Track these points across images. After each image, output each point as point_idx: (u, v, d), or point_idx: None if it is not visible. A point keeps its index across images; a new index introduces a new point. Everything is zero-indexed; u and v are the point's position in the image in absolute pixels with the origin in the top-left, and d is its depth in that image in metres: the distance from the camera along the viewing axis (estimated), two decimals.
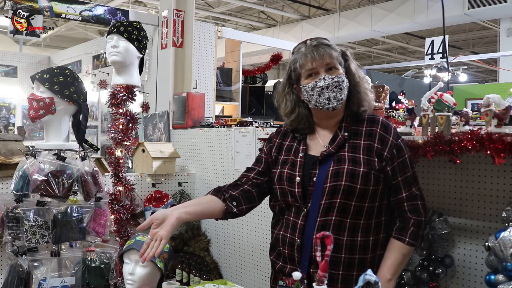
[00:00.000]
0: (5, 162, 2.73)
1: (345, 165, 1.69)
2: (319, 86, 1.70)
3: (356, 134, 1.76)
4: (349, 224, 1.68)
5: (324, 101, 1.71)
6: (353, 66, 1.80)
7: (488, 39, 13.26)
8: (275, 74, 14.78)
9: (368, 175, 1.68)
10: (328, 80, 1.70)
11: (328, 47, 1.74)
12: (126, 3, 10.77)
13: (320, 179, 1.70)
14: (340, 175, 1.68)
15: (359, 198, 1.68)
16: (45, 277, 2.48)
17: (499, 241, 1.69)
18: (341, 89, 1.71)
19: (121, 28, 2.80)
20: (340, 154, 1.72)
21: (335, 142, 1.75)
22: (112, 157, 2.92)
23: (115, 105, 2.90)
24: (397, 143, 1.73)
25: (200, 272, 3.16)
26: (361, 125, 1.77)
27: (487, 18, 9.64)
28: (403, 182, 1.72)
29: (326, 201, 1.68)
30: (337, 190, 1.67)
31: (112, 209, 2.85)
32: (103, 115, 5.80)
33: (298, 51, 1.78)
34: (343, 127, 1.77)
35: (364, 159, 1.70)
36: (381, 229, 1.74)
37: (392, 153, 1.72)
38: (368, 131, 1.75)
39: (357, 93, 1.77)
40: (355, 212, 1.68)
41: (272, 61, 6.22)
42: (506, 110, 1.75)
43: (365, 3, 10.61)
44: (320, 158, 1.74)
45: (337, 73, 1.72)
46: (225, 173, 3.37)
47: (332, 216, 1.68)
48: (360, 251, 1.69)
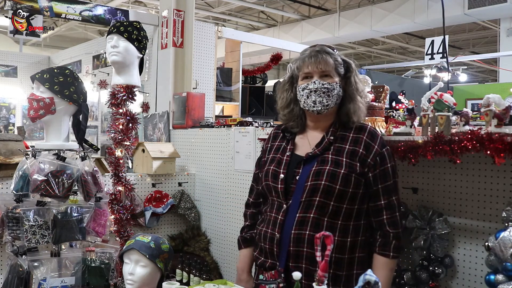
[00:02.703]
0: (5, 162, 2.73)
1: (327, 166, 1.78)
2: (308, 88, 1.82)
3: (342, 139, 1.85)
4: (326, 222, 1.75)
5: (310, 103, 1.82)
6: (354, 79, 1.88)
7: (488, 39, 13.26)
8: (275, 74, 14.78)
9: (348, 177, 1.76)
10: (318, 84, 1.80)
11: (328, 55, 1.83)
12: (126, 3, 10.77)
13: (302, 177, 1.80)
14: (321, 175, 1.76)
15: (337, 199, 1.75)
16: (45, 277, 2.48)
17: (499, 241, 1.69)
18: (328, 96, 1.80)
19: (121, 28, 2.80)
20: (324, 156, 1.81)
21: (321, 145, 1.84)
22: (112, 157, 2.92)
23: (115, 105, 2.90)
24: (381, 152, 1.81)
25: (200, 272, 3.16)
26: (349, 132, 1.86)
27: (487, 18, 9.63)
28: (382, 190, 1.80)
29: (306, 198, 1.77)
30: (317, 189, 1.75)
31: (112, 209, 2.85)
32: (103, 115, 5.80)
33: (303, 53, 1.90)
34: (331, 131, 1.86)
35: (346, 162, 1.78)
36: (359, 231, 1.80)
37: (376, 161, 1.80)
38: (355, 138, 1.84)
39: (348, 104, 1.86)
40: (333, 212, 1.76)
41: (272, 61, 6.22)
42: (506, 110, 1.75)
43: (365, 3, 10.60)
44: (304, 158, 1.84)
45: (330, 80, 1.82)
46: (225, 173, 3.37)
47: (310, 213, 1.76)
48: (336, 250, 1.74)
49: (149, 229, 3.37)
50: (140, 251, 2.32)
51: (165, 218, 3.53)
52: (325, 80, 1.82)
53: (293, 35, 11.74)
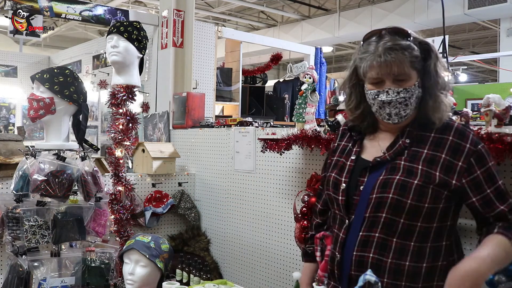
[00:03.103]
0: (5, 162, 2.73)
1: (397, 175, 1.46)
2: (380, 99, 1.47)
3: (421, 141, 1.50)
4: (395, 244, 1.45)
5: (384, 115, 1.49)
6: (434, 68, 1.49)
7: (488, 39, 13.25)
8: (275, 74, 14.77)
9: (424, 189, 1.42)
10: (392, 95, 1.45)
11: (403, 51, 1.43)
12: (126, 3, 10.77)
13: (367, 188, 1.49)
14: (388, 186, 1.45)
15: (409, 216, 1.43)
16: (45, 277, 2.48)
17: None
18: (406, 105, 1.46)
19: (121, 28, 2.80)
20: (396, 163, 1.49)
21: (393, 148, 1.51)
22: (112, 157, 2.92)
23: (115, 105, 2.90)
24: (476, 150, 1.45)
25: (200, 272, 3.16)
26: (430, 132, 1.50)
27: (487, 18, 9.63)
28: (494, 194, 1.45)
29: (370, 214, 1.47)
30: (383, 203, 1.45)
31: (112, 209, 2.85)
32: (103, 115, 5.80)
33: (368, 46, 1.48)
34: (407, 131, 1.51)
35: (422, 171, 1.44)
36: (439, 255, 1.47)
37: (470, 162, 1.44)
38: (437, 140, 1.48)
39: (428, 101, 1.48)
40: (403, 231, 1.44)
41: (272, 61, 6.22)
42: (506, 110, 1.74)
43: (365, 3, 10.60)
44: (371, 164, 1.53)
45: (406, 85, 1.45)
46: (225, 173, 3.37)
47: (375, 232, 1.46)
48: (407, 278, 1.43)
49: (149, 229, 3.37)
50: (140, 251, 2.32)
51: (165, 218, 3.53)
52: (400, 85, 1.45)
53: (293, 35, 11.73)
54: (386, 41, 1.44)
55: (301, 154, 2.73)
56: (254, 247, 3.09)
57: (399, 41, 1.44)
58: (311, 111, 2.50)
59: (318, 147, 2.31)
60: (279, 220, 2.90)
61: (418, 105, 1.50)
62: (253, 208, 3.10)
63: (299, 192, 2.60)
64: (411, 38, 1.47)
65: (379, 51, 1.43)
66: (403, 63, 1.43)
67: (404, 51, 1.43)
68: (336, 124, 2.24)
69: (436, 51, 1.51)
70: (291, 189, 2.82)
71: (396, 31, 1.47)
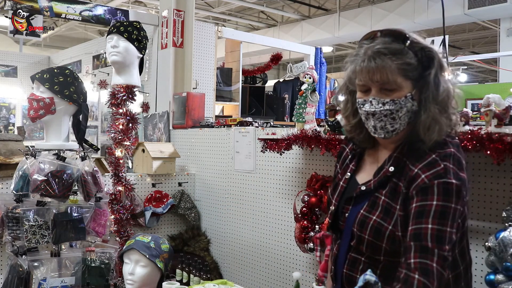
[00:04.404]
0: (5, 162, 2.73)
1: (374, 214, 1.34)
2: (364, 109, 1.33)
3: (403, 168, 1.32)
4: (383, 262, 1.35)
5: (370, 127, 1.35)
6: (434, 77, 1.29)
7: (488, 39, 13.24)
8: (275, 74, 14.77)
9: (396, 236, 1.30)
10: (376, 106, 1.29)
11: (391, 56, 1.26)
12: (126, 3, 10.76)
13: (350, 219, 1.39)
14: (364, 227, 1.35)
15: (387, 255, 1.34)
16: (45, 277, 2.48)
17: (499, 241, 1.69)
18: (393, 119, 1.29)
19: (121, 28, 2.80)
20: (377, 196, 1.36)
21: (378, 175, 1.38)
22: (112, 157, 2.92)
23: (115, 105, 2.90)
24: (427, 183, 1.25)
25: (200, 272, 3.16)
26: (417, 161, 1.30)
27: (487, 18, 9.62)
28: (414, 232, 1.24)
29: (354, 245, 1.40)
30: (362, 241, 1.37)
31: (112, 209, 2.85)
32: (103, 115, 5.80)
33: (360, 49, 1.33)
34: (394, 158, 1.35)
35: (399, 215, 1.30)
36: None
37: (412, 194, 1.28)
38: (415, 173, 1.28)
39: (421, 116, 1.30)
40: (387, 264, 1.35)
41: (272, 61, 6.22)
42: (506, 110, 1.74)
43: (365, 3, 10.60)
44: (354, 195, 1.42)
45: (394, 95, 1.28)
46: (225, 173, 3.37)
47: (362, 257, 1.39)
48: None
49: (149, 229, 3.37)
50: (140, 251, 2.32)
51: (165, 218, 3.53)
52: (388, 95, 1.28)
53: (293, 35, 11.73)
54: (375, 45, 1.29)
55: (301, 154, 2.73)
56: (254, 247, 3.09)
57: (389, 45, 1.28)
58: (311, 111, 2.50)
59: (318, 147, 2.31)
60: (279, 220, 2.90)
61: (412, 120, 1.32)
62: (253, 208, 3.10)
63: (299, 192, 2.61)
64: (409, 42, 1.29)
65: (365, 55, 1.29)
66: (388, 70, 1.26)
67: (393, 57, 1.26)
68: (336, 124, 2.24)
69: (440, 60, 1.32)
70: (291, 189, 2.82)
71: (392, 33, 1.31)
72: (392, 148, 1.39)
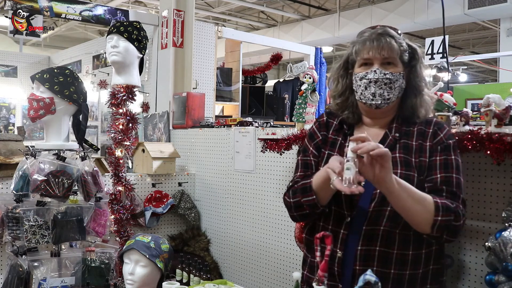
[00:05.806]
0: (5, 162, 2.73)
1: (397, 169, 1.51)
2: (367, 78, 1.56)
3: (407, 134, 1.59)
4: (398, 236, 1.51)
5: (369, 95, 1.56)
6: (420, 68, 1.62)
7: (488, 39, 13.25)
8: (275, 74, 14.77)
9: (422, 183, 1.52)
10: (379, 74, 1.54)
11: (393, 38, 1.56)
12: (126, 3, 10.76)
13: (367, 182, 1.42)
14: None
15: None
16: (45, 277, 2.48)
17: (499, 241, 1.69)
18: (390, 88, 1.55)
19: (121, 28, 2.80)
20: (392, 157, 1.44)
21: (384, 144, 1.55)
22: (112, 157, 2.92)
23: (115, 105, 2.90)
24: (446, 142, 1.56)
25: (200, 272, 3.16)
26: (413, 126, 1.60)
27: (487, 18, 9.63)
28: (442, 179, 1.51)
29: (374, 208, 1.51)
30: (383, 213, 1.51)
31: (112, 209, 2.85)
32: (103, 115, 5.80)
33: (362, 35, 1.63)
34: (394, 128, 1.60)
35: (415, 162, 1.53)
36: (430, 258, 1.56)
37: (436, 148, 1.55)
38: (419, 131, 1.59)
39: (413, 98, 1.60)
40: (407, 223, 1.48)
41: (272, 61, 6.22)
42: (506, 110, 1.75)
43: (365, 3, 10.60)
44: None
45: (393, 69, 1.56)
46: (225, 173, 3.37)
47: (381, 226, 1.51)
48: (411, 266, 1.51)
49: (149, 229, 3.37)
50: (140, 251, 2.32)
51: (165, 218, 3.53)
52: (387, 68, 1.55)
53: (293, 35, 11.73)
54: (377, 29, 1.61)
55: None
56: (254, 247, 3.09)
57: (389, 31, 1.60)
58: (311, 111, 2.50)
59: None
60: (279, 220, 2.90)
61: (400, 100, 1.61)
62: (253, 208, 3.10)
63: None
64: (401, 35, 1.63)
65: (371, 36, 1.58)
66: (393, 49, 1.55)
67: (395, 39, 1.57)
68: None
69: (421, 56, 1.65)
70: None
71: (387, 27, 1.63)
72: (382, 125, 1.63)
